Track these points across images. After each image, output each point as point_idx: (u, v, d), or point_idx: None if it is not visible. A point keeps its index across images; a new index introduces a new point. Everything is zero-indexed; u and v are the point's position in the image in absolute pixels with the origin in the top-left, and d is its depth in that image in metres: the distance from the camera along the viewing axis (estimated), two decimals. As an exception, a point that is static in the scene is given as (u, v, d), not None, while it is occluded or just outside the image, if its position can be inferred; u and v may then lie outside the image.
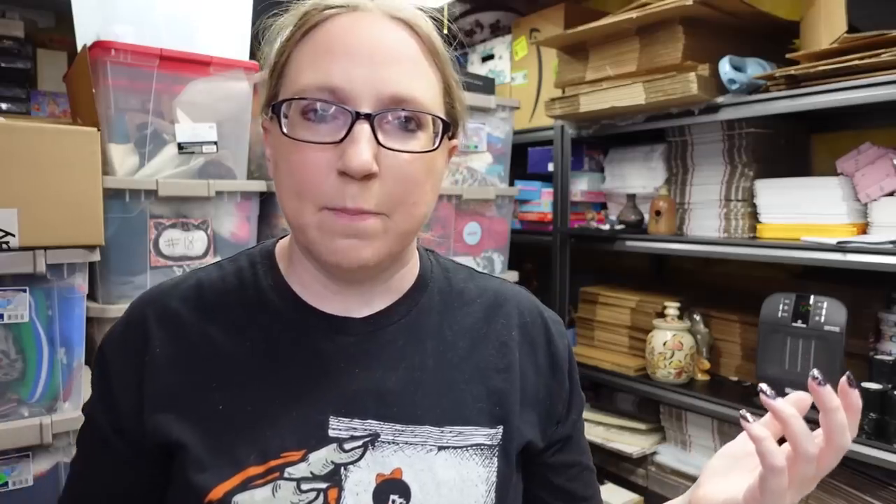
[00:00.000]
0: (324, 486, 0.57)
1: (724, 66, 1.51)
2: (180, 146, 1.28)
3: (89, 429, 0.64)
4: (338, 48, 0.55)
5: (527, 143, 2.15)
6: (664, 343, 1.70)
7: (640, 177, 1.91)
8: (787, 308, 1.48)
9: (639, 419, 1.91)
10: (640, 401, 1.94)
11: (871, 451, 1.28)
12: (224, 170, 1.36)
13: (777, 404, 0.50)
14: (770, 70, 1.51)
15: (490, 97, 1.85)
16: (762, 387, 0.51)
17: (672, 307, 1.73)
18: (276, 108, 0.56)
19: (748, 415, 0.51)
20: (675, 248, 1.70)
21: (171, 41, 1.27)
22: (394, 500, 0.58)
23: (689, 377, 1.72)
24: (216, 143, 1.32)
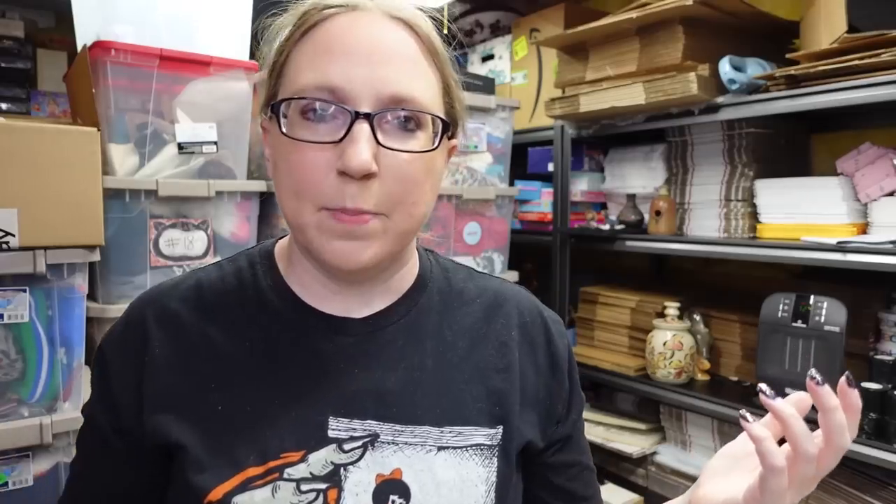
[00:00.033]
0: (323, 486, 0.57)
1: (724, 66, 1.51)
2: (180, 146, 1.28)
3: (89, 429, 0.63)
4: (337, 48, 0.55)
5: (527, 143, 2.15)
6: (664, 343, 1.70)
7: (640, 177, 1.91)
8: (787, 308, 1.48)
9: (639, 419, 1.91)
10: (640, 401, 1.94)
11: (871, 451, 1.28)
12: (224, 170, 1.36)
13: (776, 404, 0.50)
14: (770, 70, 1.51)
15: (490, 97, 1.85)
16: (761, 387, 0.51)
17: (672, 307, 1.73)
18: (275, 107, 0.56)
19: (748, 415, 0.51)
20: (675, 248, 1.70)
21: (171, 41, 1.27)
22: (393, 501, 0.58)
23: (689, 377, 1.72)
24: (216, 143, 1.32)
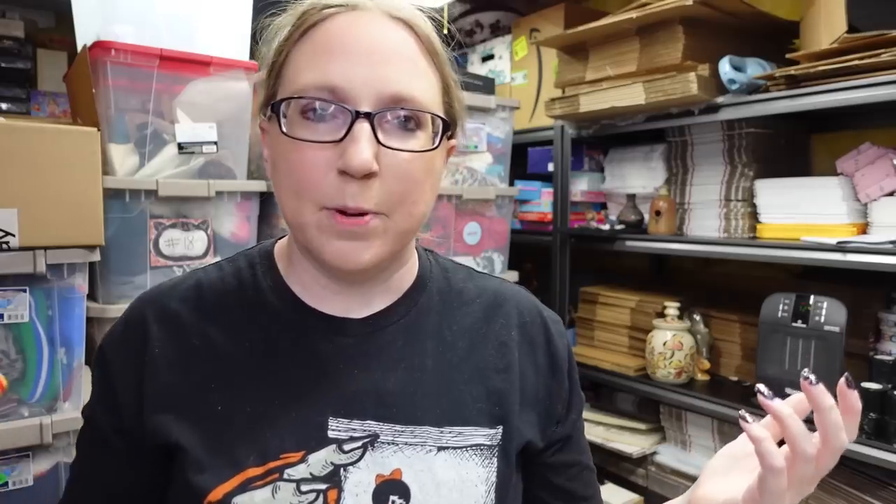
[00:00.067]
0: (323, 487, 0.57)
1: (724, 66, 1.51)
2: (180, 146, 1.28)
3: (90, 430, 0.63)
4: (337, 47, 0.55)
5: (527, 143, 2.15)
6: (664, 343, 1.70)
7: (640, 177, 1.91)
8: (787, 308, 1.48)
9: (639, 419, 1.91)
10: (640, 401, 1.94)
11: (871, 451, 1.28)
12: (224, 170, 1.36)
13: (774, 405, 0.50)
14: (770, 70, 1.51)
15: (490, 97, 1.85)
16: (759, 387, 0.51)
17: (672, 307, 1.73)
18: (275, 107, 0.56)
19: (748, 415, 0.51)
20: (675, 248, 1.70)
21: (171, 41, 1.27)
22: (393, 501, 0.58)
23: (689, 377, 1.72)
24: (216, 143, 1.32)
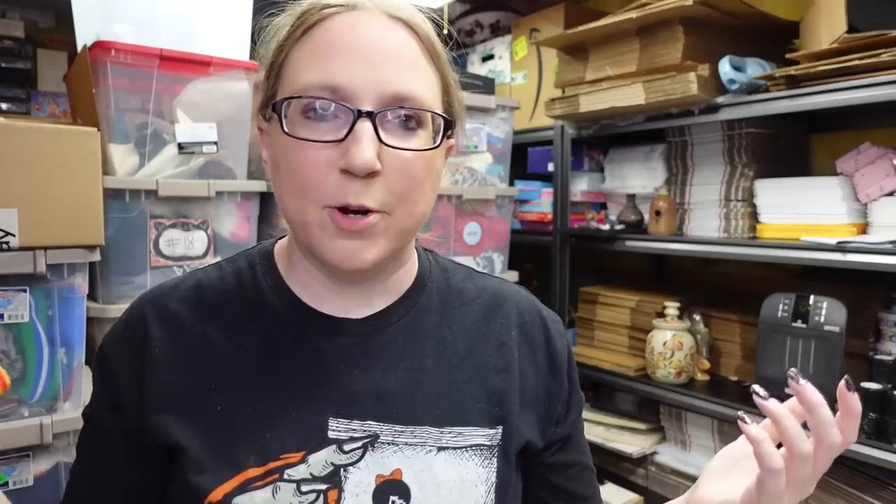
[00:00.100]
0: (324, 487, 0.57)
1: (724, 66, 1.51)
2: (180, 146, 1.28)
3: (91, 431, 0.63)
4: (338, 47, 0.55)
5: (527, 143, 2.15)
6: (664, 343, 1.70)
7: (640, 177, 1.91)
8: (787, 308, 1.48)
9: (639, 419, 1.91)
10: (640, 401, 1.94)
11: (871, 451, 1.28)
12: (224, 170, 1.36)
13: (769, 405, 0.50)
14: (770, 70, 1.51)
15: (490, 97, 1.85)
16: (755, 388, 0.51)
17: (672, 307, 1.73)
18: (276, 106, 0.56)
19: (746, 417, 0.51)
20: (675, 248, 1.70)
21: (171, 41, 1.27)
22: (394, 501, 0.58)
23: (689, 377, 1.72)
24: (216, 143, 1.32)
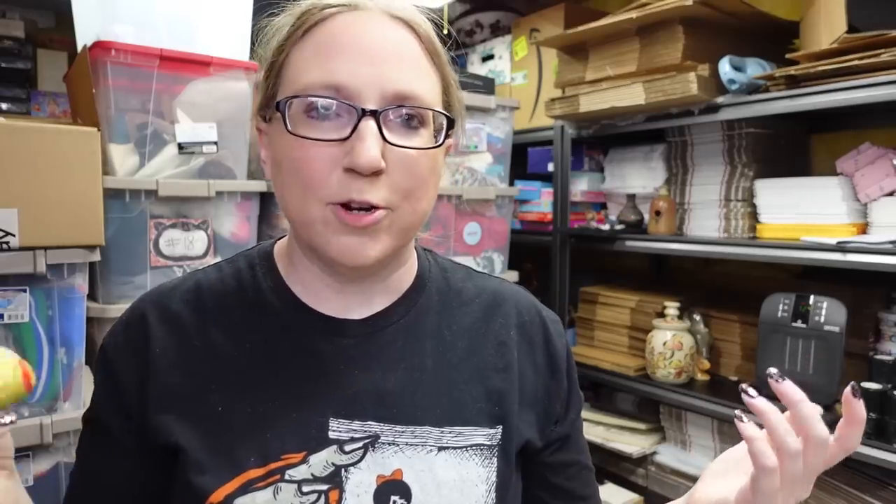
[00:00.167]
0: (325, 487, 0.57)
1: (724, 66, 1.51)
2: (180, 146, 1.28)
3: (93, 434, 0.63)
4: (341, 46, 0.55)
5: (527, 143, 2.15)
6: (664, 343, 1.70)
7: (640, 177, 1.91)
8: (787, 308, 1.48)
9: (639, 419, 1.91)
10: (640, 401, 1.94)
11: (871, 451, 1.28)
12: (224, 170, 1.36)
13: (756, 402, 0.51)
14: (770, 70, 1.51)
15: (490, 97, 1.85)
16: (743, 387, 0.52)
17: (672, 307, 1.73)
18: (280, 105, 0.56)
19: (743, 415, 0.52)
20: (675, 248, 1.70)
21: (171, 41, 1.27)
22: (394, 501, 0.58)
23: (689, 377, 1.72)
24: (216, 143, 1.32)
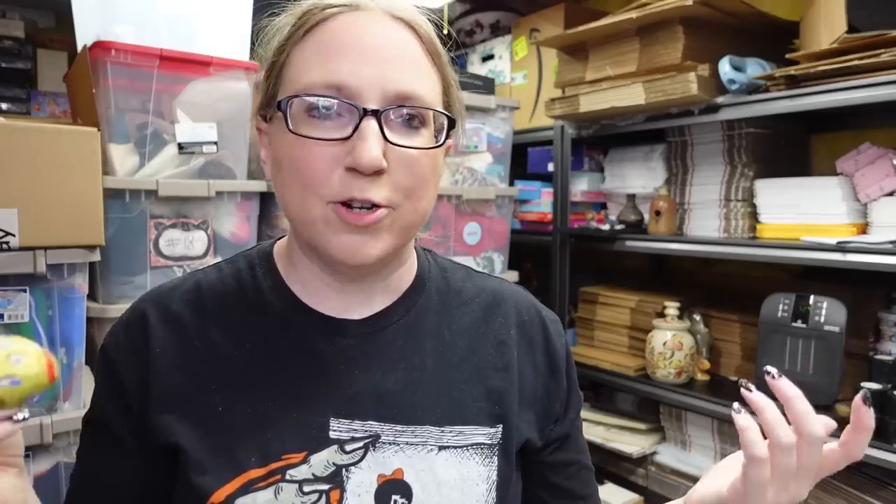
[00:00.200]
0: (326, 487, 0.57)
1: (724, 66, 1.51)
2: (180, 146, 1.28)
3: (95, 434, 0.62)
4: (342, 46, 0.55)
5: (527, 143, 2.15)
6: (664, 343, 1.70)
7: (640, 177, 1.91)
8: (787, 308, 1.48)
9: (639, 419, 1.91)
10: (640, 401, 1.94)
11: (871, 451, 1.28)
12: (224, 170, 1.36)
13: (753, 396, 0.52)
14: (770, 70, 1.51)
15: (490, 97, 1.85)
16: (742, 382, 0.54)
17: (672, 307, 1.73)
18: (281, 104, 0.56)
19: (740, 407, 0.53)
20: (675, 248, 1.70)
21: (171, 41, 1.27)
22: (395, 501, 0.58)
23: (689, 377, 1.72)
24: (216, 143, 1.32)
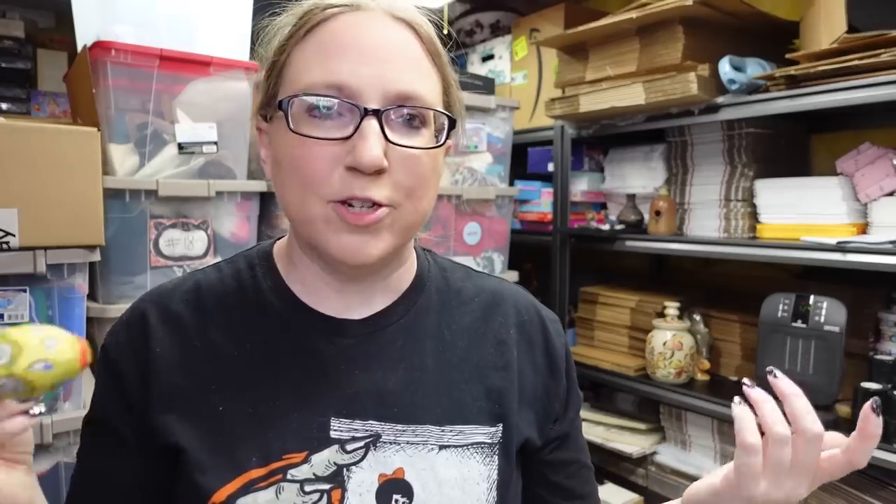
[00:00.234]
0: (327, 487, 0.57)
1: (724, 66, 1.51)
2: (180, 146, 1.28)
3: (96, 435, 0.62)
4: (343, 46, 0.55)
5: (527, 143, 2.15)
6: (664, 343, 1.70)
7: (640, 177, 1.91)
8: (786, 308, 1.48)
9: (639, 419, 1.91)
10: (640, 401, 1.94)
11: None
12: (224, 170, 1.36)
13: (753, 391, 0.54)
14: (770, 70, 1.51)
15: (490, 97, 1.85)
16: (745, 380, 0.55)
17: (672, 307, 1.73)
18: (282, 104, 0.56)
19: (740, 400, 0.55)
20: (675, 248, 1.70)
21: (171, 41, 1.27)
22: (396, 500, 0.58)
23: (689, 377, 1.72)
24: (216, 143, 1.32)
